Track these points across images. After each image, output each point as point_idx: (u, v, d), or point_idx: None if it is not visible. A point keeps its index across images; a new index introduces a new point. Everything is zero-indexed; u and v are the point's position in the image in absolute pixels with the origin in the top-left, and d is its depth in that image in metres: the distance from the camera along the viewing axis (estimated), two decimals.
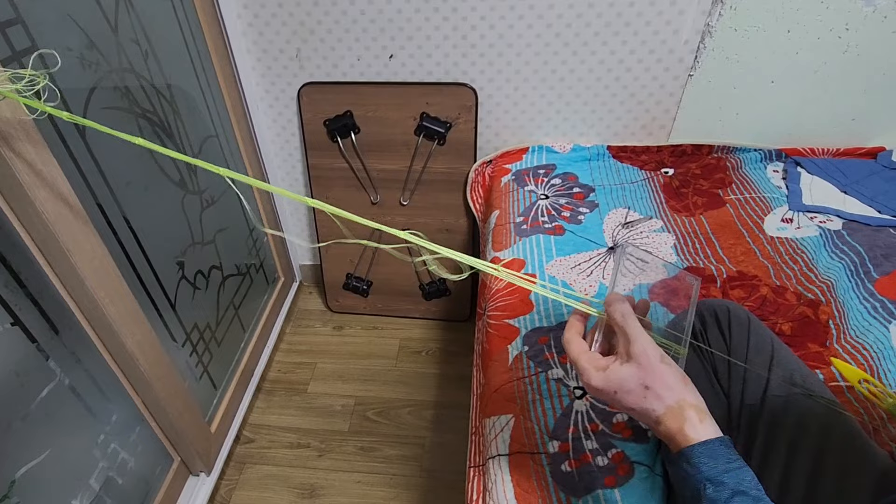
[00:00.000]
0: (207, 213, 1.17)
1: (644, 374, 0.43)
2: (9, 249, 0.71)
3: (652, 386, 0.43)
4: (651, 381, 0.43)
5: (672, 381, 0.44)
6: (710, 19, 1.19)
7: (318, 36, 1.27)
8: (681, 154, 1.36)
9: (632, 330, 0.45)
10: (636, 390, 0.44)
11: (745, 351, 0.64)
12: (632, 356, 0.44)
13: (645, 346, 0.44)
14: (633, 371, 0.44)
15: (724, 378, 0.65)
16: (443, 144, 1.37)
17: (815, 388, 0.61)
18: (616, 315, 0.47)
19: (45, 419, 0.79)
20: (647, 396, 0.44)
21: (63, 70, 0.76)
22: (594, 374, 0.45)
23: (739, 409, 0.61)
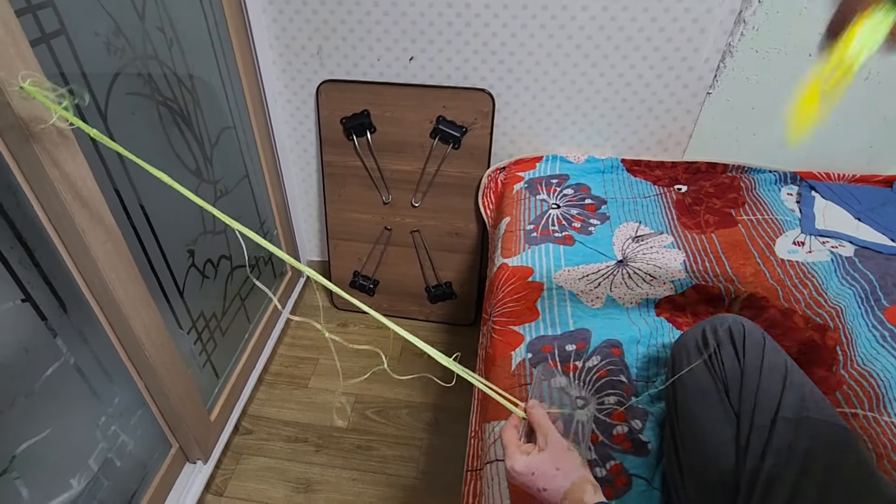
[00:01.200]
0: (220, 203, 1.18)
1: (555, 458, 0.55)
2: (25, 227, 0.72)
3: (561, 467, 0.55)
4: (560, 463, 0.55)
5: (576, 463, 0.56)
6: (732, 39, 1.19)
7: (341, 34, 1.28)
8: (695, 171, 1.36)
9: (547, 428, 0.58)
10: (549, 471, 0.55)
11: (759, 371, 0.64)
12: (548, 446, 0.56)
13: (557, 439, 0.57)
14: (547, 457, 0.56)
15: (735, 397, 0.64)
16: (457, 148, 1.38)
17: (827, 414, 0.60)
18: (537, 417, 0.60)
19: (50, 397, 0.80)
20: (556, 476, 0.55)
21: (89, 54, 0.77)
22: (519, 458, 0.56)
23: (749, 430, 0.60)
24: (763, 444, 0.58)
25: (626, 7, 1.16)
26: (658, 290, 1.00)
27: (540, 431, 0.58)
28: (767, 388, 0.62)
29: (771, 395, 0.61)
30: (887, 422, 0.71)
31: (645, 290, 1.00)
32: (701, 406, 0.65)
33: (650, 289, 1.00)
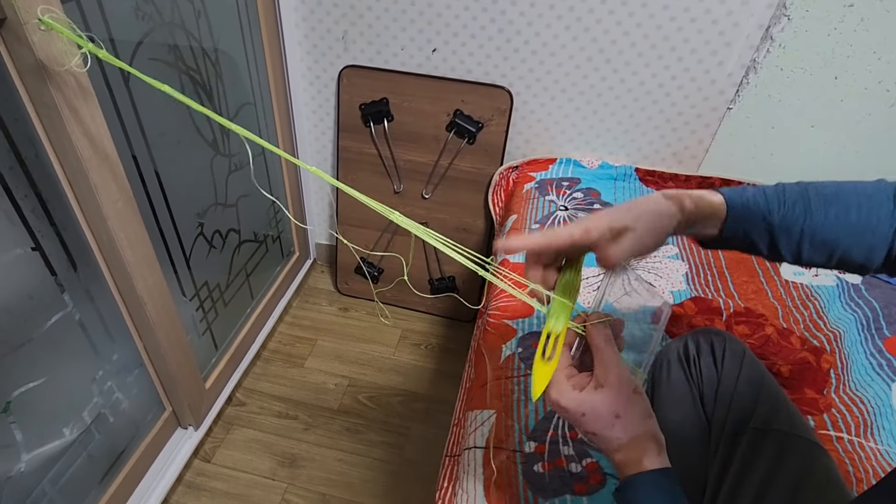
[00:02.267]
0: (234, 177, 1.20)
1: (617, 403, 0.43)
2: (42, 178, 0.75)
3: (623, 415, 0.43)
4: (623, 410, 0.43)
5: (641, 413, 0.44)
6: (758, 55, 1.18)
7: (367, 21, 1.29)
8: (709, 186, 1.35)
9: (609, 357, 0.45)
10: (606, 417, 0.44)
11: (735, 381, 0.64)
12: (607, 383, 0.44)
13: (621, 376, 0.44)
14: (606, 398, 0.43)
15: (709, 404, 0.64)
16: (472, 143, 1.38)
17: (799, 429, 0.60)
18: (597, 339, 0.46)
19: (50, 346, 0.82)
20: (615, 425, 0.44)
21: (117, 17, 0.79)
22: (567, 391, 0.45)
23: (720, 436, 0.61)
24: (730, 450, 0.58)
25: (653, 15, 1.16)
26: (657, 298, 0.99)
27: (599, 360, 0.45)
28: (741, 399, 0.62)
29: (744, 406, 0.61)
30: (872, 448, 0.71)
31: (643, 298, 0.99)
32: (675, 411, 0.65)
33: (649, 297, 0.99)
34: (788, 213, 0.48)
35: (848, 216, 0.47)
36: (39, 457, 0.85)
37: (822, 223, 0.47)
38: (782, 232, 0.48)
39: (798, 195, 0.48)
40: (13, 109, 0.69)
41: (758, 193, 0.49)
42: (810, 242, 0.48)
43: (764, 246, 0.49)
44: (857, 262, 0.48)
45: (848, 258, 0.48)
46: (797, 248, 0.48)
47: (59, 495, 0.90)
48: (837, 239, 0.47)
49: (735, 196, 0.49)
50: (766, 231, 0.48)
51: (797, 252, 0.49)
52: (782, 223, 0.48)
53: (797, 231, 0.48)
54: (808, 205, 0.47)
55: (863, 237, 0.46)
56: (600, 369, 0.45)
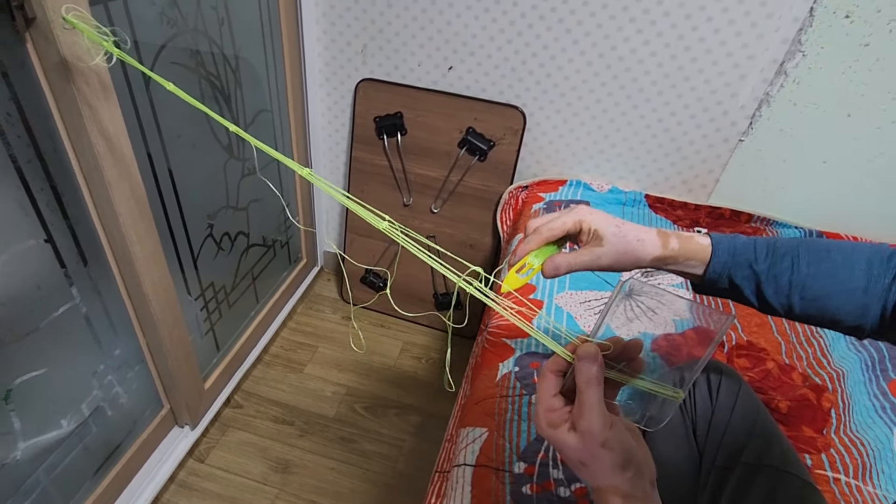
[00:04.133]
0: (246, 181, 1.22)
1: (583, 452, 0.42)
2: (58, 173, 0.77)
3: (588, 465, 0.42)
4: (588, 461, 0.42)
5: (607, 467, 0.41)
6: (771, 89, 1.18)
7: (386, 36, 1.32)
8: (718, 217, 1.35)
9: (587, 400, 0.42)
10: (573, 462, 0.43)
11: (730, 414, 0.63)
12: (578, 429, 0.42)
13: (591, 425, 0.41)
14: (574, 444, 0.42)
15: (701, 435, 0.64)
16: (483, 161, 1.40)
17: (793, 467, 0.59)
18: (580, 377, 0.43)
19: (53, 337, 0.84)
20: (581, 471, 0.43)
21: (143, 21, 0.82)
22: (543, 427, 0.44)
23: (710, 469, 0.60)
24: (720, 484, 0.58)
25: (668, 44, 1.17)
26: (658, 325, 0.99)
27: (578, 401, 0.42)
28: (734, 431, 0.61)
29: (736, 439, 0.60)
30: (870, 492, 0.69)
31: (644, 325, 0.99)
32: (667, 442, 0.64)
33: (650, 324, 0.99)
34: (776, 263, 0.49)
35: (838, 273, 0.48)
36: (36, 446, 0.86)
37: (811, 277, 0.48)
38: (769, 281, 0.49)
39: (788, 248, 0.50)
40: (36, 105, 0.71)
41: (748, 242, 0.51)
42: (801, 296, 0.48)
43: (751, 293, 0.51)
44: (849, 323, 0.48)
45: (840, 317, 0.48)
46: (787, 301, 0.49)
47: (53, 485, 0.91)
48: (829, 295, 0.48)
49: (723, 240, 0.52)
50: (752, 278, 0.50)
51: (788, 305, 0.50)
52: (769, 272, 0.49)
53: (785, 283, 0.49)
54: (797, 258, 0.49)
55: (854, 295, 0.47)
56: (577, 411, 0.42)
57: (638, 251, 0.52)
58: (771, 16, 1.09)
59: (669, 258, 0.52)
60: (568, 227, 0.52)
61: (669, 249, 0.52)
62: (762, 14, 1.09)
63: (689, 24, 1.13)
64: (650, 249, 0.52)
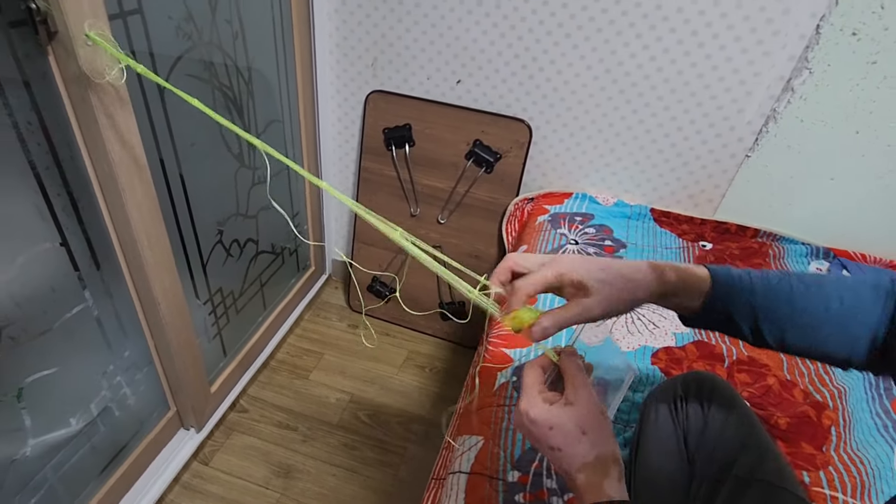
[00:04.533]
0: (257, 189, 1.25)
1: (585, 419, 0.45)
2: (75, 179, 0.80)
3: (589, 432, 0.44)
4: (590, 427, 0.45)
5: (608, 432, 0.46)
6: (778, 105, 1.19)
7: (396, 50, 1.35)
8: (724, 231, 1.35)
9: (581, 381, 0.47)
10: (573, 432, 0.45)
11: (722, 427, 0.64)
12: (577, 401, 0.46)
13: (590, 397, 0.46)
14: (575, 413, 0.45)
15: (693, 448, 0.64)
16: (489, 173, 1.41)
17: (788, 483, 0.59)
18: (571, 365, 0.49)
19: (66, 337, 0.86)
20: (581, 440, 0.44)
21: (159, 35, 0.85)
22: (538, 404, 0.47)
23: (701, 481, 0.60)
24: (711, 497, 0.58)
25: (674, 60, 1.18)
26: (659, 339, 0.99)
27: (570, 382, 0.47)
28: (725, 444, 0.61)
29: (728, 451, 0.60)
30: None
31: (645, 338, 0.99)
32: (659, 452, 0.65)
33: (651, 337, 0.99)
34: (771, 293, 0.49)
35: (830, 304, 0.47)
36: (44, 443, 0.88)
37: (803, 309, 0.48)
38: (766, 316, 0.48)
39: (781, 279, 0.49)
40: (56, 115, 0.74)
41: (742, 273, 0.50)
42: (791, 326, 0.48)
43: (747, 327, 0.50)
44: (840, 356, 0.48)
45: (829, 349, 0.48)
46: (781, 335, 0.49)
47: (60, 482, 0.93)
48: (819, 325, 0.48)
49: (720, 271, 0.51)
50: (750, 313, 0.49)
51: (781, 339, 0.49)
52: (764, 303, 0.48)
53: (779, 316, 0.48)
54: (791, 289, 0.48)
55: (844, 327, 0.47)
56: (571, 390, 0.47)
57: (630, 293, 0.49)
58: (777, 33, 1.10)
59: (668, 292, 0.50)
60: (549, 281, 0.49)
61: (665, 283, 0.49)
62: (768, 31, 1.10)
63: (695, 40, 1.15)
64: (644, 287, 0.49)
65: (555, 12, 1.19)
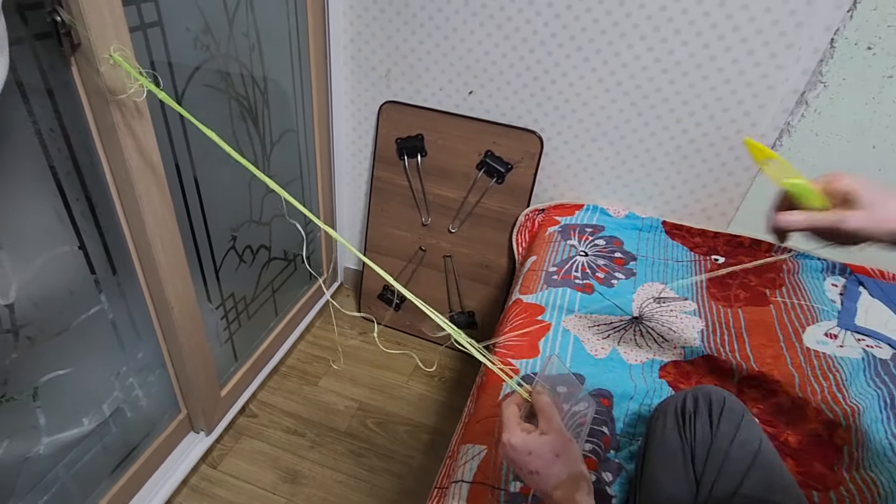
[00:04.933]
0: (270, 198, 1.28)
1: (558, 445, 0.53)
2: (93, 184, 0.82)
3: (562, 455, 0.53)
4: (562, 451, 0.53)
5: (577, 455, 0.54)
6: (792, 119, 1.18)
7: (409, 62, 1.37)
8: (737, 245, 1.33)
9: (552, 414, 0.56)
10: (547, 456, 0.53)
11: (730, 443, 0.63)
12: (549, 431, 0.54)
13: (561, 426, 0.55)
14: (549, 440, 0.53)
15: (700, 464, 0.63)
16: (500, 183, 1.42)
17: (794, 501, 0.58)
18: (542, 401, 0.57)
19: (81, 338, 0.88)
20: (555, 463, 0.52)
21: (178, 46, 0.88)
22: (518, 433, 0.54)
23: (707, 498, 0.59)
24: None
25: (686, 73, 1.18)
26: (667, 353, 0.98)
27: (543, 416, 0.56)
28: (734, 462, 0.60)
29: (736, 469, 0.60)
30: None
31: (653, 351, 0.98)
32: (665, 468, 0.64)
33: (659, 350, 0.98)
34: None
35: None
36: (58, 442, 0.90)
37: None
38: None
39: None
40: (77, 122, 0.77)
41: None
42: None
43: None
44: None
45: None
46: None
47: (72, 481, 0.95)
48: None
49: None
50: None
51: None
52: None
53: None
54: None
55: None
56: (544, 422, 0.55)
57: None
58: (791, 46, 1.10)
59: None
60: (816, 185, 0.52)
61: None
62: (781, 45, 1.10)
63: (707, 53, 1.14)
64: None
65: (566, 25, 1.20)
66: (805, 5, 1.05)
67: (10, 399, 0.81)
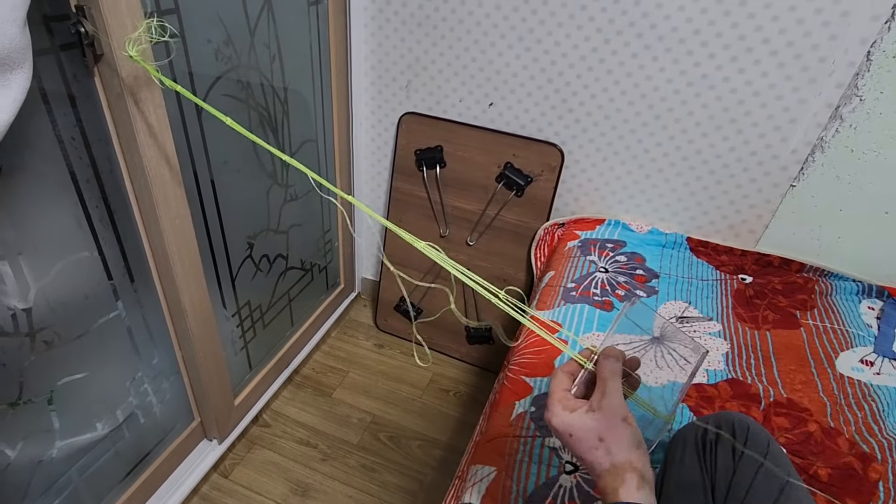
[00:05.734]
0: (288, 206, 1.28)
1: (603, 427, 0.45)
2: (112, 191, 0.83)
3: (606, 440, 0.45)
4: (606, 435, 0.45)
5: (626, 441, 0.45)
6: (825, 134, 1.13)
7: (430, 73, 1.36)
8: (766, 264, 1.28)
9: (610, 387, 0.47)
10: (590, 440, 0.45)
11: (753, 476, 0.59)
12: (600, 408, 0.46)
13: (612, 403, 0.46)
14: (593, 421, 0.46)
15: (720, 497, 0.59)
16: (520, 196, 1.40)
17: None
18: (605, 370, 0.49)
19: (97, 343, 0.89)
20: (598, 448, 0.45)
21: (199, 57, 0.89)
22: (558, 412, 0.47)
23: None
24: None
25: (713, 86, 1.15)
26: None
27: (599, 388, 0.48)
28: (758, 496, 0.56)
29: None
30: None
31: (675, 373, 0.94)
32: (682, 500, 0.60)
33: (681, 372, 0.94)
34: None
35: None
36: (71, 446, 0.91)
37: None
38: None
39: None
40: (98, 131, 0.78)
41: None
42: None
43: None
44: None
45: None
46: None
47: (84, 485, 0.96)
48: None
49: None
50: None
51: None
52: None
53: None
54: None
55: None
56: (597, 396, 0.47)
57: None
58: (824, 60, 1.05)
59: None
60: None
61: None
62: (814, 58, 1.06)
63: (734, 66, 1.11)
64: None
65: (589, 37, 1.18)
66: (839, 17, 1.01)
67: (26, 402, 0.82)
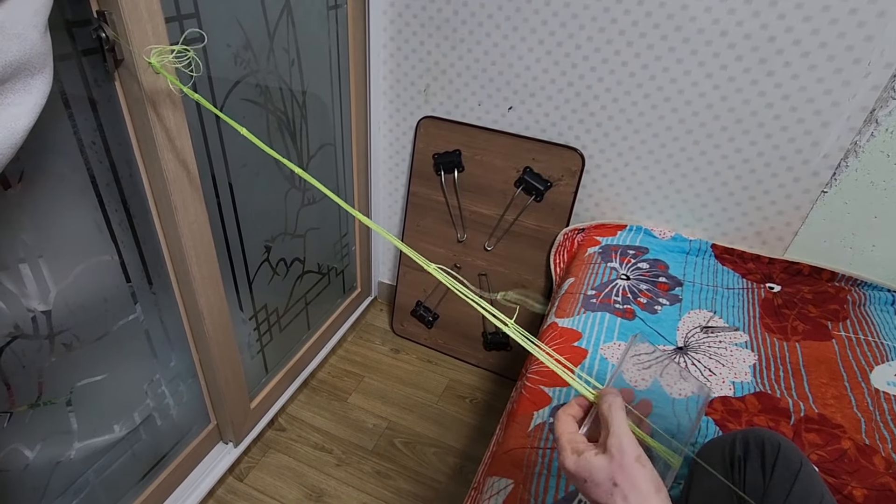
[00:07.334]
0: (306, 210, 1.28)
1: (615, 469, 0.42)
2: (131, 195, 0.84)
3: (621, 484, 0.41)
4: (621, 478, 0.41)
5: (643, 483, 0.41)
6: (859, 138, 1.09)
7: (448, 77, 1.35)
8: (795, 273, 1.23)
9: (614, 423, 0.44)
10: (604, 484, 0.42)
11: (785, 497, 0.56)
12: (610, 448, 0.43)
13: (622, 442, 0.42)
14: (604, 463, 0.42)
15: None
16: (539, 201, 1.38)
17: None
18: (604, 406, 0.46)
19: (115, 345, 0.90)
20: (613, 493, 0.41)
21: (218, 61, 0.89)
22: (569, 456, 0.44)
23: None
24: None
25: (741, 89, 1.12)
26: (715, 387, 0.91)
27: (605, 427, 0.45)
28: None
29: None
30: None
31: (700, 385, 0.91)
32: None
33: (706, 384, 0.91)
34: None
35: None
36: (89, 447, 0.91)
37: None
38: None
39: None
40: (119, 136, 0.79)
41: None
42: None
43: None
44: None
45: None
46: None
47: (101, 486, 0.96)
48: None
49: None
50: None
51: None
52: None
53: None
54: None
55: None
56: (603, 436, 0.44)
57: None
58: (859, 61, 1.01)
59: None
60: None
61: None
62: (848, 59, 1.02)
63: (763, 68, 1.08)
64: None
65: (611, 39, 1.16)
66: (876, 17, 0.97)
67: (46, 403, 0.82)
